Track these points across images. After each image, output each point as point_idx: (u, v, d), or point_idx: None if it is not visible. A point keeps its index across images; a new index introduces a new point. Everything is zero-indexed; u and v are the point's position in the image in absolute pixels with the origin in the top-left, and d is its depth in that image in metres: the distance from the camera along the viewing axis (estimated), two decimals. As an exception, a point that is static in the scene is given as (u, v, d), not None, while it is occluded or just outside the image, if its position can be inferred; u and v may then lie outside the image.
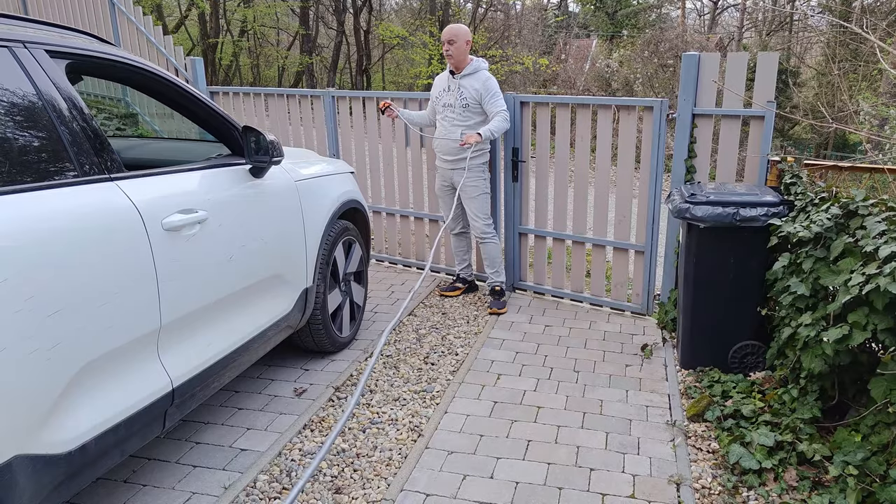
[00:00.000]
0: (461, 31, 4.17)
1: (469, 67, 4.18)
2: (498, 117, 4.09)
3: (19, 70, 1.98)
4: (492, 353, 3.84)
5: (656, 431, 3.00)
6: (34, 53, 2.05)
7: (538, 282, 4.81)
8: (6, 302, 1.71)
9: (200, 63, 6.28)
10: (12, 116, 1.92)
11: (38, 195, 1.89)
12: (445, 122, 4.28)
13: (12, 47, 1.99)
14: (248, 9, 19.31)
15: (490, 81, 4.16)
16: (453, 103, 4.22)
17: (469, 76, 4.18)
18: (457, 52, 4.14)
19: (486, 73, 4.20)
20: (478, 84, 4.14)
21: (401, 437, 2.95)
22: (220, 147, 3.06)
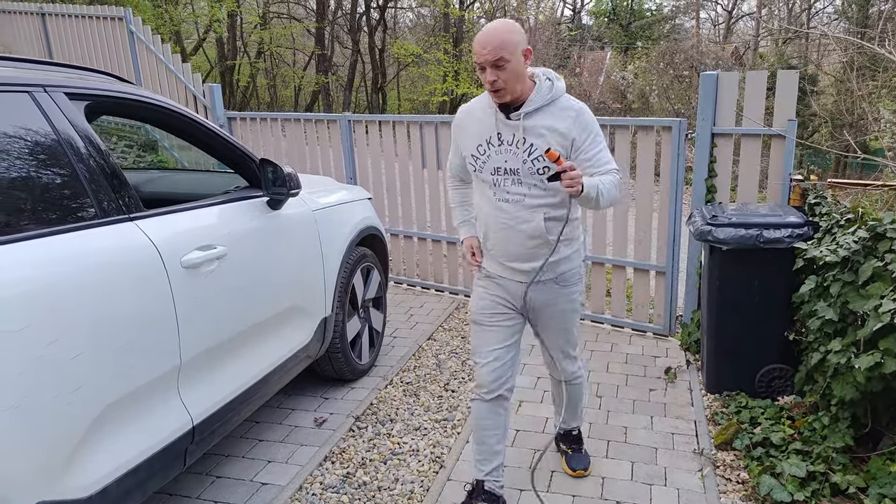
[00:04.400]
0: (511, 37, 2.12)
1: (538, 95, 2.23)
2: (608, 178, 2.25)
3: (39, 114, 2.00)
4: (513, 378, 3.78)
5: (683, 460, 2.94)
6: (53, 97, 2.07)
7: (558, 303, 4.76)
8: (28, 347, 1.72)
9: (218, 90, 6.34)
10: (33, 160, 1.94)
11: (59, 238, 1.89)
12: (507, 204, 2.31)
13: (33, 92, 2.01)
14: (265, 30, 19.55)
15: (585, 115, 2.25)
16: (517, 167, 2.25)
17: (542, 111, 2.23)
18: (511, 77, 2.15)
19: (571, 99, 2.28)
20: (564, 123, 2.22)
21: (422, 469, 2.91)
22: (238, 178, 3.07)
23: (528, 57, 2.17)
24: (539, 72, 2.29)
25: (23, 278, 1.74)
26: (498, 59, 2.10)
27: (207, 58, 20.95)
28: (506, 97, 2.19)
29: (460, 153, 2.46)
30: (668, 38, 25.56)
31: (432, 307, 5.05)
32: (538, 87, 2.25)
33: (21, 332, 1.70)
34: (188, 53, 18.92)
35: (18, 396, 1.69)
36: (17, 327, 1.69)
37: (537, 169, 2.23)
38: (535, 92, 2.24)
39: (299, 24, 21.32)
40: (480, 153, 2.33)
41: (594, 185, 2.18)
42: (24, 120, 1.95)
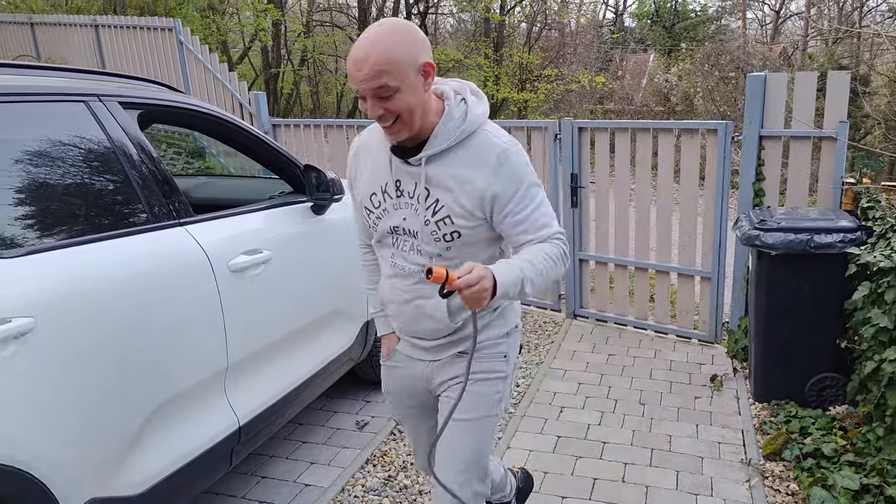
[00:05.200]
0: (398, 51, 1.45)
1: (446, 129, 1.59)
2: (547, 248, 1.61)
3: (94, 122, 2.08)
4: (554, 384, 3.76)
5: (730, 470, 2.87)
6: (108, 106, 2.14)
7: (600, 308, 4.71)
8: (84, 349, 1.78)
9: (263, 97, 6.47)
10: (89, 167, 2.01)
11: (114, 243, 1.96)
12: (402, 276, 1.73)
13: (88, 101, 2.09)
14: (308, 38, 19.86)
15: (512, 160, 1.59)
16: (417, 229, 1.65)
17: (452, 154, 1.60)
18: (405, 108, 1.51)
19: (495, 133, 1.63)
20: (481, 172, 1.59)
21: (463, 474, 2.91)
22: (282, 184, 3.13)
23: (429, 75, 1.50)
24: (449, 88, 1.62)
25: (81, 280, 1.81)
26: (380, 87, 1.43)
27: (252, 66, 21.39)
28: (402, 135, 1.53)
29: (356, 199, 1.79)
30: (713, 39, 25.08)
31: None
32: (447, 116, 1.57)
33: (78, 333, 1.76)
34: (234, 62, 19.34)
35: (74, 396, 1.75)
36: (73, 328, 1.75)
37: (442, 235, 1.61)
38: (441, 123, 1.56)
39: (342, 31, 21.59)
40: (375, 205, 1.69)
41: (516, 279, 1.50)
42: (81, 128, 2.03)
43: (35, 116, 1.92)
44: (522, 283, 1.52)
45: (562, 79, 17.86)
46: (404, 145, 1.61)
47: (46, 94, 1.97)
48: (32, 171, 1.85)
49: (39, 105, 1.94)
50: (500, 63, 18.80)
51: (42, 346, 1.67)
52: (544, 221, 1.63)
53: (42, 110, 1.94)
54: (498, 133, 1.63)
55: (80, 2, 13.14)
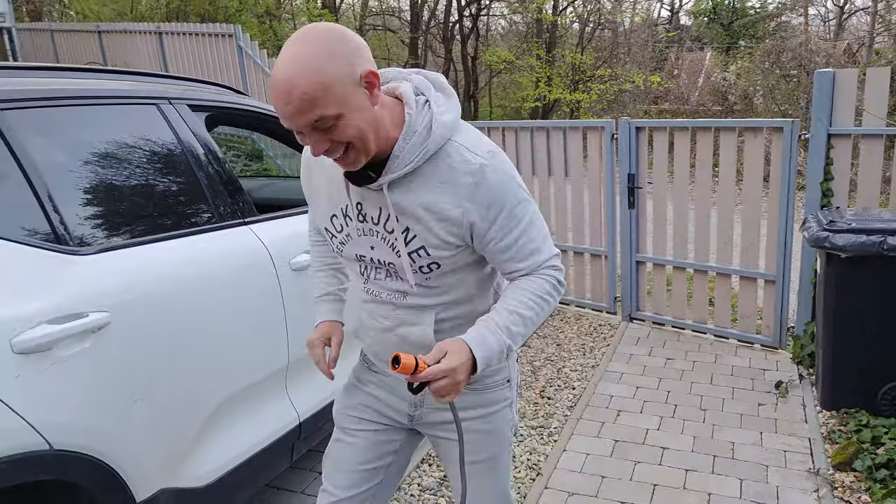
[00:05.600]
0: (326, 73, 1.14)
1: (409, 145, 1.29)
2: (536, 286, 1.39)
3: (165, 124, 2.14)
4: (610, 387, 3.70)
5: (797, 480, 2.77)
6: (178, 109, 2.21)
7: (657, 311, 4.62)
8: (156, 344, 1.84)
9: (319, 100, 6.57)
10: (160, 167, 2.08)
11: (183, 241, 2.02)
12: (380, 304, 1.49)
13: (159, 104, 2.16)
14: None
15: (489, 178, 1.30)
16: (391, 261, 1.40)
17: (419, 176, 1.32)
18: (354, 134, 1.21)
19: (467, 146, 1.32)
20: (454, 197, 1.31)
21: (519, 476, 2.89)
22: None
23: (374, 84, 1.21)
24: (409, 88, 1.33)
25: (152, 277, 1.87)
26: (317, 120, 1.17)
27: (307, 70, 21.79)
28: (359, 163, 1.26)
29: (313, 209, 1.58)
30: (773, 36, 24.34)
31: (526, 313, 5.01)
32: (408, 129, 1.29)
33: (149, 327, 1.82)
34: (289, 67, 19.74)
35: (145, 389, 1.80)
36: (145, 323, 1.81)
37: (419, 266, 1.37)
38: (402, 138, 1.29)
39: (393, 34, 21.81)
40: (336, 229, 1.45)
41: (499, 348, 1.32)
42: (153, 130, 2.10)
43: (111, 119, 1.99)
44: (508, 350, 1.35)
45: (615, 79, 17.62)
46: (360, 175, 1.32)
47: (122, 97, 2.04)
48: (107, 172, 1.93)
49: (115, 108, 2.01)
50: (552, 64, 18.66)
51: (116, 340, 1.73)
52: (533, 247, 1.38)
53: (117, 113, 2.02)
54: (473, 144, 1.32)
55: (145, 10, 13.63)
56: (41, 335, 1.55)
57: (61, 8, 17.69)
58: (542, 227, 1.41)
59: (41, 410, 1.55)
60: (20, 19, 13.53)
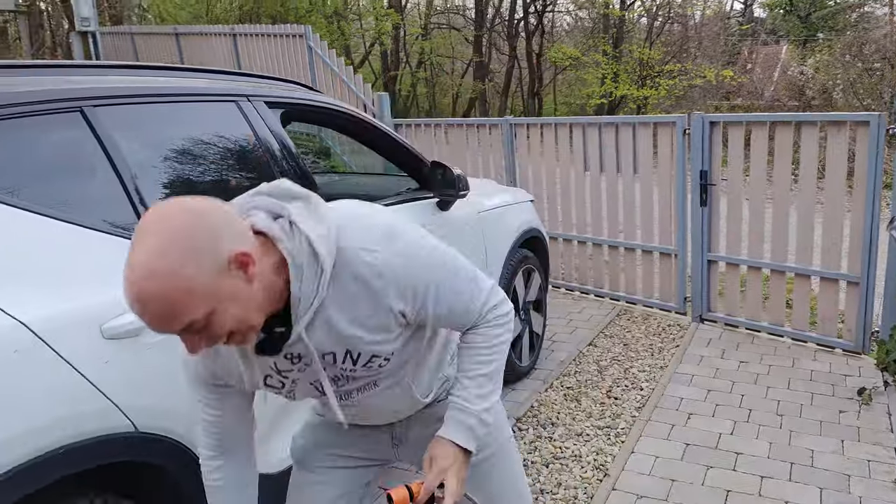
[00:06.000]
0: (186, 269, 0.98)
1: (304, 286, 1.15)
2: (485, 342, 1.36)
3: (244, 120, 2.21)
4: (680, 389, 3.61)
5: (882, 491, 2.63)
6: (255, 105, 2.27)
7: (730, 313, 4.47)
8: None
9: (387, 98, 6.66)
10: (238, 162, 2.14)
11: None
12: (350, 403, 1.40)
13: (238, 101, 2.22)
14: (426, 41, 20.26)
15: (394, 264, 1.20)
16: (340, 378, 1.32)
17: (325, 308, 1.19)
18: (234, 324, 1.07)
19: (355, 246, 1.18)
20: (370, 302, 1.21)
21: (585, 476, 2.85)
22: (408, 181, 3.20)
23: (247, 263, 1.05)
24: (266, 217, 1.15)
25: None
26: (185, 328, 1.03)
27: (372, 69, 22.08)
28: (249, 341, 1.14)
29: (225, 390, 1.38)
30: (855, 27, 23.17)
31: (592, 313, 4.94)
32: (294, 271, 1.13)
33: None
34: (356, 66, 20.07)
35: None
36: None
37: (377, 368, 1.31)
38: (294, 285, 1.14)
39: (458, 32, 21.85)
40: (278, 386, 1.33)
41: (475, 417, 1.33)
42: (232, 126, 2.17)
43: (194, 115, 2.07)
44: (484, 413, 1.34)
45: (685, 74, 17.15)
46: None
47: (204, 94, 2.12)
48: (188, 166, 2.00)
49: (198, 105, 2.09)
50: (618, 60, 18.32)
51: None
52: (466, 301, 1.31)
53: (199, 110, 2.09)
54: (363, 239, 1.19)
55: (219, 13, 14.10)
56: (129, 322, 1.62)
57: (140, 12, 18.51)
58: (464, 273, 1.32)
59: (127, 394, 1.62)
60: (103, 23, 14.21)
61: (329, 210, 1.20)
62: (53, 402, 1.47)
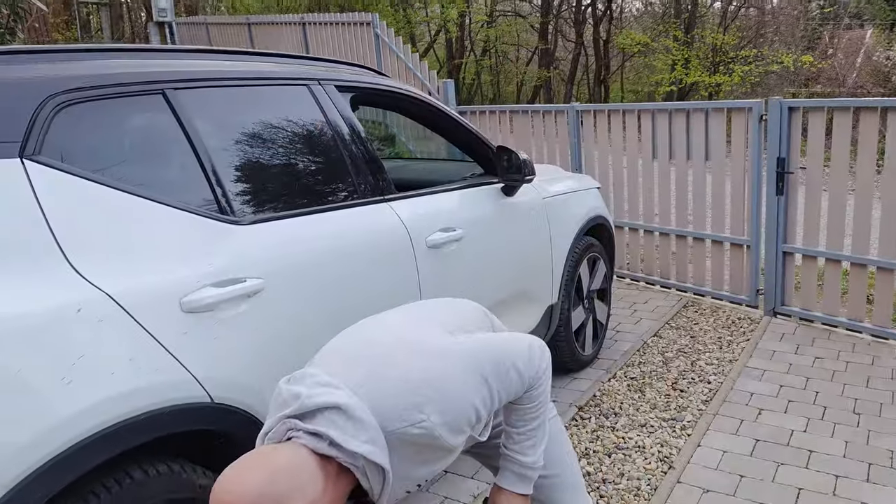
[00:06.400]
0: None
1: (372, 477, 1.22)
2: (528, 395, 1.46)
3: (315, 104, 2.25)
4: (750, 384, 3.49)
5: (970, 498, 2.49)
6: (326, 89, 2.31)
7: (805, 307, 4.29)
8: (302, 310, 1.94)
9: (452, 85, 6.66)
10: (308, 145, 2.18)
11: (329, 215, 2.11)
12: None
13: (310, 85, 2.27)
14: (491, 28, 20.14)
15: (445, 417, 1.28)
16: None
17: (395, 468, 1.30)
18: None
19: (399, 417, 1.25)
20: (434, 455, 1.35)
21: (649, 467, 2.80)
22: (473, 167, 3.19)
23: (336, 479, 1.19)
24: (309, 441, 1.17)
25: (301, 248, 1.97)
26: None
27: (437, 58, 22.12)
28: None
29: None
30: (949, 9, 21.69)
31: (658, 303, 4.83)
32: (359, 474, 1.21)
33: (298, 294, 1.93)
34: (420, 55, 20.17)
35: (291, 351, 1.91)
36: (294, 290, 1.92)
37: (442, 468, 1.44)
38: (361, 480, 1.22)
39: (524, 20, 21.61)
40: None
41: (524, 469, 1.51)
42: (303, 110, 2.21)
43: (267, 99, 2.12)
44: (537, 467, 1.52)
45: (761, 60, 16.48)
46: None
47: (276, 78, 2.17)
48: (261, 149, 2.05)
49: (270, 89, 2.14)
50: (690, 46, 17.75)
51: (269, 305, 1.85)
52: (514, 393, 1.42)
53: (272, 93, 2.14)
54: (403, 416, 1.24)
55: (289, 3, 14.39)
56: (207, 296, 1.68)
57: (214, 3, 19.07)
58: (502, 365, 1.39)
59: (204, 366, 1.68)
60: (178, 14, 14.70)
61: (359, 402, 1.22)
62: (135, 371, 1.54)
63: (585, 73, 21.93)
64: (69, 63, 1.72)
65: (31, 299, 1.41)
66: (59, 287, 1.46)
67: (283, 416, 1.22)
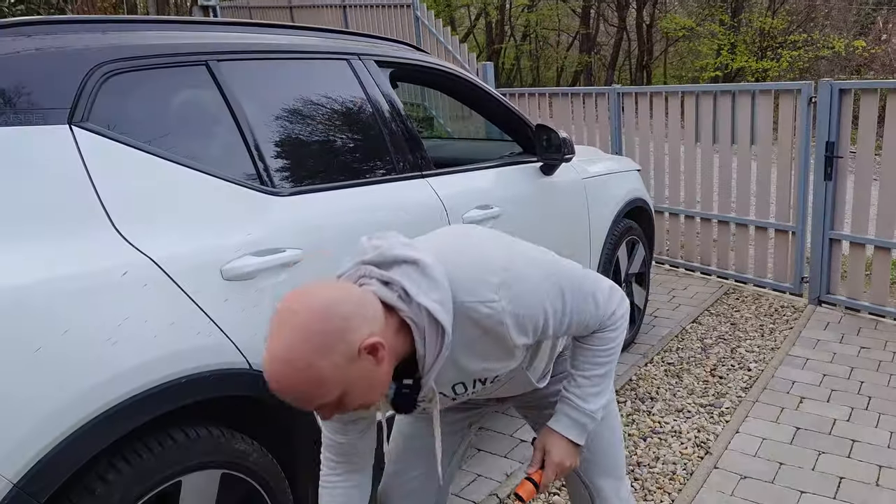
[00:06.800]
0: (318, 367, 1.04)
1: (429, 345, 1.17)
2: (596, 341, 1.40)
3: (354, 79, 2.26)
4: (792, 372, 3.42)
5: None
6: (366, 64, 2.31)
7: (852, 296, 4.17)
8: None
9: (491, 67, 6.61)
10: (347, 119, 2.19)
11: (368, 188, 2.12)
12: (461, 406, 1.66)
13: (350, 59, 2.27)
14: (532, 13, 19.90)
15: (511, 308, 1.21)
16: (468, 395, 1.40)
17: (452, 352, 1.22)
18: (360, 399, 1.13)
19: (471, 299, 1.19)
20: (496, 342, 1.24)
21: (685, 452, 2.77)
22: (512, 146, 3.17)
23: (377, 349, 1.09)
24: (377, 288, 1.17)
25: (340, 220, 1.98)
26: (320, 408, 1.12)
27: (476, 42, 21.95)
28: (377, 404, 1.21)
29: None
30: None
31: (697, 290, 4.75)
32: (417, 334, 1.17)
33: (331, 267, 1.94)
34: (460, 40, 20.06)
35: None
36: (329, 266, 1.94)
37: (493, 377, 1.35)
38: (418, 347, 1.18)
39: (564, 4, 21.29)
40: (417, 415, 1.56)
41: (583, 416, 1.40)
42: (343, 84, 2.22)
43: (308, 72, 2.13)
44: (597, 417, 1.42)
45: (811, 45, 15.96)
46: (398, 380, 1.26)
47: (318, 52, 2.18)
48: (301, 122, 2.07)
49: (312, 62, 2.15)
50: (736, 30, 17.28)
51: (307, 276, 1.86)
52: (585, 320, 1.34)
53: (314, 67, 2.15)
54: (477, 292, 1.19)
55: (330, -14, 14.39)
56: (247, 265, 1.71)
57: (257, -12, 19.20)
58: (584, 289, 1.33)
59: (243, 333, 1.71)
60: (223, -1, 14.86)
61: (438, 264, 1.19)
62: (177, 335, 1.57)
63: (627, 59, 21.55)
64: (116, 33, 1.75)
65: (78, 262, 1.45)
66: (105, 251, 1.50)
67: (359, 262, 1.23)
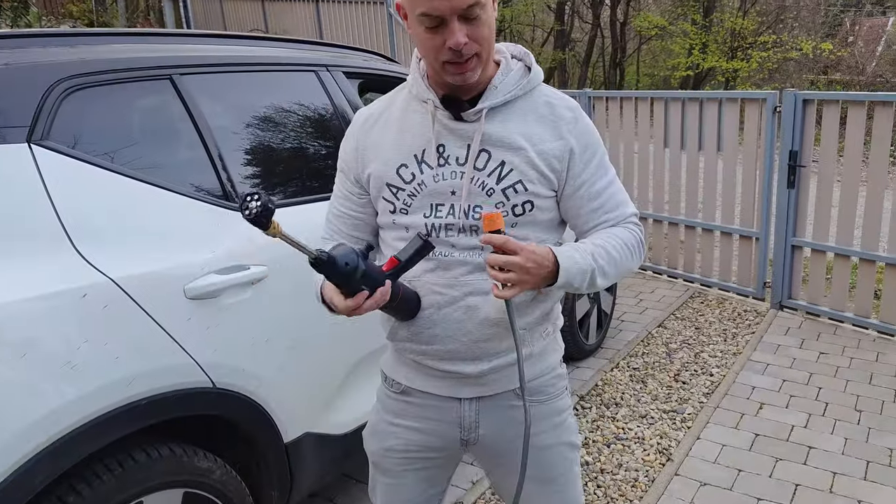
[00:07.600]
0: None
1: (508, 79, 1.30)
2: (622, 234, 1.33)
3: (322, 90, 2.25)
4: (753, 377, 3.50)
5: (967, 499, 2.50)
6: (334, 75, 2.31)
7: (812, 301, 4.28)
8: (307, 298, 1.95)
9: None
10: (315, 132, 2.19)
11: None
12: (449, 269, 1.29)
13: (318, 71, 2.26)
14: (507, 8, 19.90)
15: (584, 119, 1.34)
16: (470, 202, 1.27)
17: (515, 107, 1.30)
18: (488, 37, 1.21)
19: (558, 92, 1.37)
20: (553, 130, 1.30)
21: (647, 459, 2.82)
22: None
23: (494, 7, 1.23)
24: (500, 46, 1.34)
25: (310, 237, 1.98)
26: (472, 5, 1.15)
27: (451, 37, 21.91)
28: (475, 75, 1.23)
29: (359, 186, 1.38)
30: (976, -3, 21.24)
31: (664, 293, 4.83)
32: (504, 68, 1.30)
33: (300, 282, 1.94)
34: (434, 33, 19.95)
35: (295, 339, 1.93)
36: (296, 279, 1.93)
37: (512, 206, 1.26)
38: (500, 73, 1.28)
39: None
40: (406, 180, 1.29)
41: (585, 268, 1.23)
42: (310, 96, 2.21)
43: (274, 84, 2.12)
44: (593, 274, 1.24)
45: (780, 46, 16.22)
46: (454, 95, 1.27)
47: (285, 64, 2.17)
48: (267, 135, 2.06)
49: (278, 74, 2.14)
50: (708, 30, 17.49)
51: (272, 293, 1.86)
52: (622, 198, 1.36)
53: (280, 79, 2.14)
54: (561, 93, 1.37)
55: (303, -21, 14.24)
56: (210, 283, 1.70)
57: (229, -23, 18.91)
58: (621, 186, 1.40)
59: (207, 351, 1.71)
60: (194, -11, 14.59)
61: None
62: (139, 356, 1.56)
63: (601, 56, 21.68)
64: (77, 48, 1.72)
65: (36, 285, 1.43)
66: (64, 273, 1.48)
67: None
